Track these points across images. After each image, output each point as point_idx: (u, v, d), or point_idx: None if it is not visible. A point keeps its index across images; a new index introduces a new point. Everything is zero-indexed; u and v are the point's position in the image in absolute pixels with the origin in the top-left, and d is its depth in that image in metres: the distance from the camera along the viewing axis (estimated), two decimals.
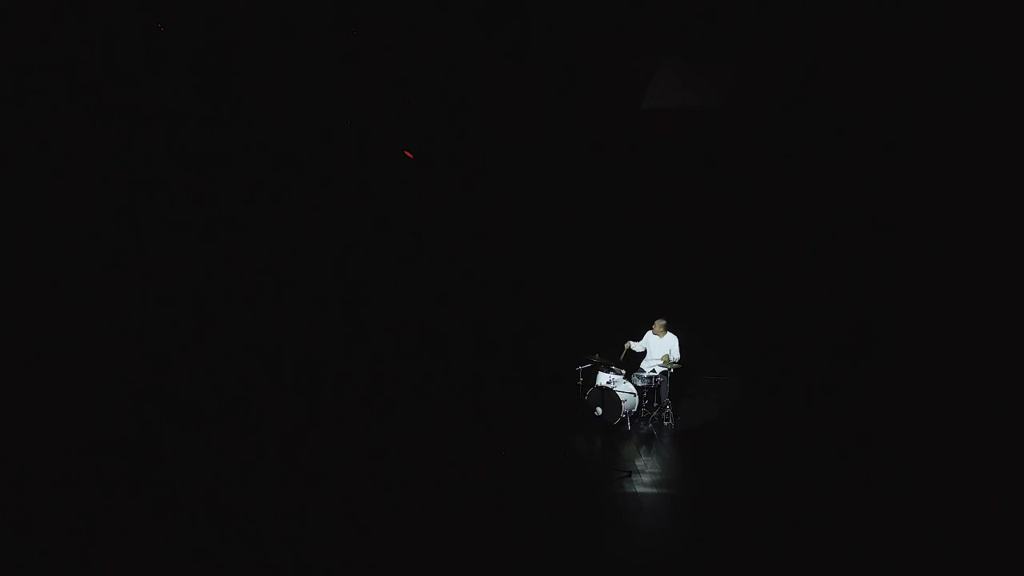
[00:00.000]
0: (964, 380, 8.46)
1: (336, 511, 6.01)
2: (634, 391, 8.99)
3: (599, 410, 8.86)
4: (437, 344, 11.20)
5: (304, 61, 8.46)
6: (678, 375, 9.31)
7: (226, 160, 8.91)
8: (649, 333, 9.42)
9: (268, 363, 9.41)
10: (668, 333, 9.30)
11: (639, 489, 6.75)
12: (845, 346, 10.21)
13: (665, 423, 9.09)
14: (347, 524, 5.79)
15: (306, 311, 10.09)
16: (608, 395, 8.82)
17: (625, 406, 8.79)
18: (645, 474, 7.18)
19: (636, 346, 9.47)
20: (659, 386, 9.20)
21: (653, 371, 9.11)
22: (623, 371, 9.11)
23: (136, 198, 8.06)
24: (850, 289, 10.30)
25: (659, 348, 9.28)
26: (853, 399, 9.51)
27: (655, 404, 9.18)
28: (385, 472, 6.96)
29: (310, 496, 6.29)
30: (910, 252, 9.61)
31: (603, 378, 9.03)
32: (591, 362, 9.11)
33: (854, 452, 7.87)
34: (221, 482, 6.50)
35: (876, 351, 9.91)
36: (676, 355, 9.20)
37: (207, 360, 8.78)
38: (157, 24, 7.48)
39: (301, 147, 9.47)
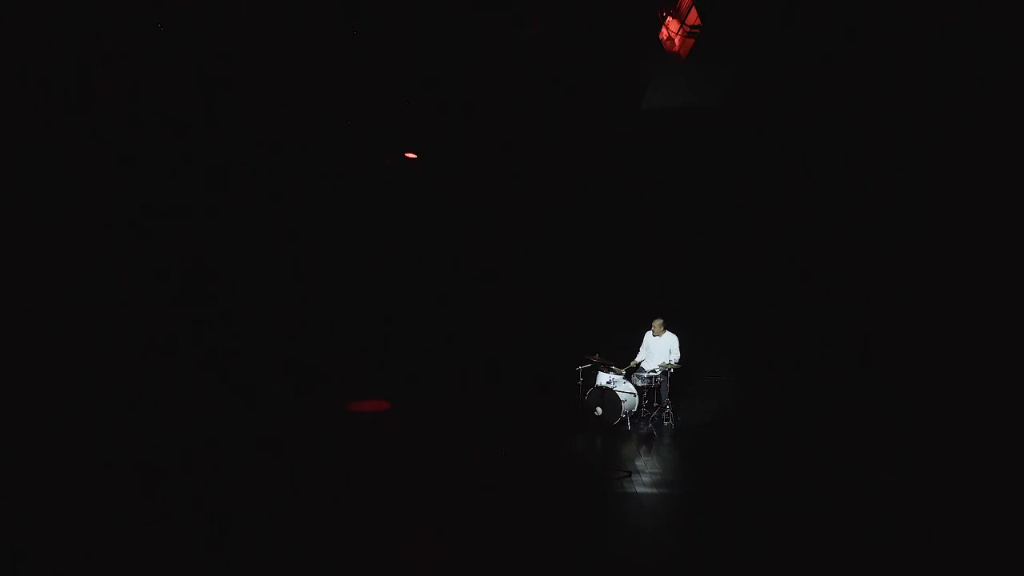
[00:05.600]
0: (965, 380, 8.45)
1: (335, 512, 6.00)
2: (634, 391, 8.99)
3: (599, 410, 8.85)
4: (438, 344, 11.20)
5: (305, 60, 8.46)
6: (678, 375, 9.31)
7: (226, 159, 8.91)
8: (648, 333, 9.43)
9: (267, 363, 9.41)
10: (667, 332, 9.30)
11: (639, 489, 6.75)
12: (845, 345, 10.20)
13: (665, 423, 9.09)
14: (347, 525, 5.78)
15: (305, 310, 10.09)
16: (608, 395, 8.82)
17: (625, 406, 8.79)
18: (645, 474, 7.17)
19: (639, 356, 9.47)
20: (659, 386, 9.19)
21: (653, 371, 9.11)
22: (623, 371, 9.10)
23: (133, 197, 8.06)
24: (851, 288, 10.28)
25: (658, 347, 9.28)
26: (853, 398, 9.50)
27: (655, 404, 9.17)
28: (385, 472, 6.95)
29: (309, 497, 6.28)
30: (911, 252, 9.60)
31: (603, 378, 9.02)
32: (591, 362, 9.11)
33: (854, 451, 7.86)
34: (221, 483, 6.51)
35: (877, 350, 9.90)
36: (676, 354, 9.20)
37: (207, 360, 8.78)
38: (157, 24, 7.48)
39: (302, 145, 9.47)
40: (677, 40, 8.03)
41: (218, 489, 6.33)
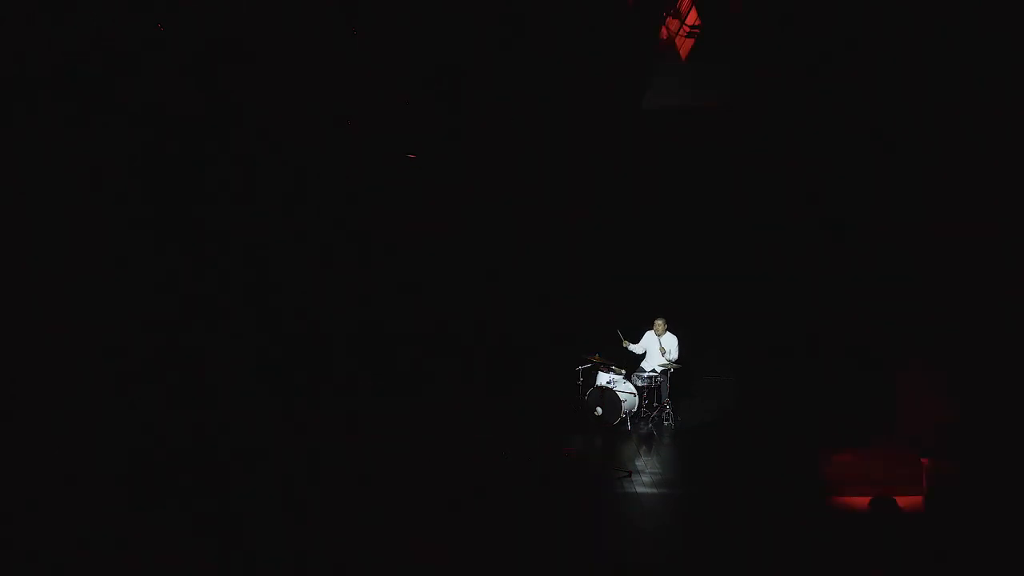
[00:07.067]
0: (966, 381, 8.45)
1: (336, 512, 6.00)
2: (634, 391, 8.99)
3: (599, 410, 8.85)
4: (438, 344, 11.19)
5: (303, 60, 8.46)
6: (678, 375, 9.30)
7: (228, 160, 8.91)
8: (649, 333, 9.42)
9: (268, 362, 9.41)
10: (667, 333, 9.30)
11: (639, 489, 6.74)
12: (846, 346, 10.19)
13: (665, 423, 9.08)
14: (347, 525, 5.78)
15: (305, 310, 10.08)
16: (608, 395, 8.82)
17: (625, 406, 8.79)
18: (645, 474, 7.17)
19: (635, 348, 9.46)
20: (659, 386, 9.19)
21: (653, 371, 9.11)
22: (623, 371, 9.10)
23: (132, 197, 8.05)
24: (852, 289, 10.28)
25: (658, 347, 9.27)
26: (854, 399, 9.49)
27: (655, 404, 9.17)
28: (385, 472, 6.96)
29: (309, 497, 6.28)
30: (911, 251, 9.60)
31: (603, 378, 9.02)
32: (591, 362, 9.11)
33: (854, 451, 7.85)
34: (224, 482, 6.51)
35: (877, 350, 9.89)
36: (675, 354, 9.20)
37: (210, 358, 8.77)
38: (157, 24, 7.48)
39: (303, 145, 9.46)
40: (678, 40, 8.04)
41: (219, 489, 6.33)
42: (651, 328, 9.44)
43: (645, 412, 9.07)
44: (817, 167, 10.07)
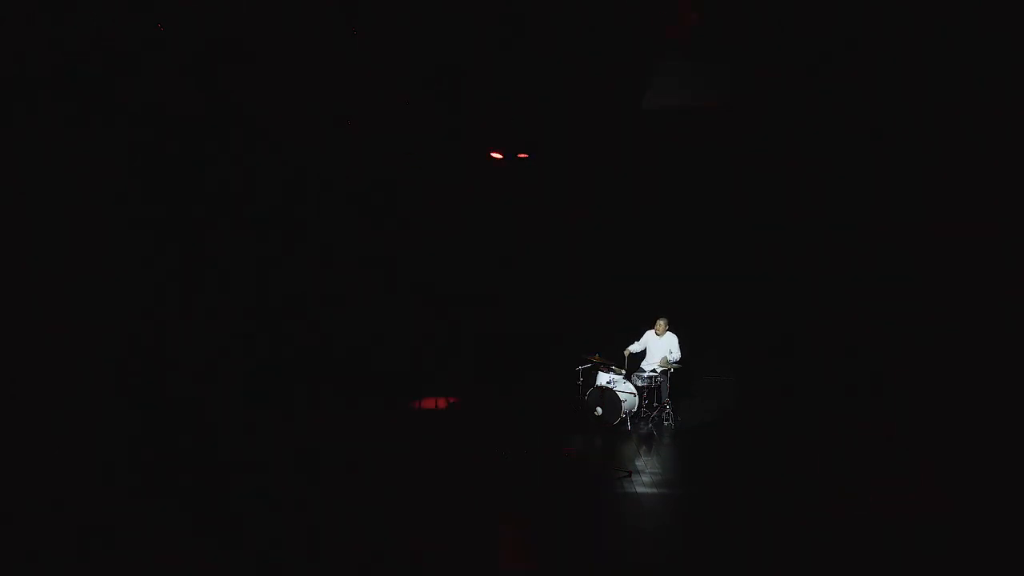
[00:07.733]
0: (966, 381, 8.45)
1: (335, 512, 6.00)
2: (634, 391, 8.99)
3: (599, 410, 8.85)
4: (439, 344, 11.20)
5: (303, 60, 8.46)
6: (678, 375, 9.30)
7: (229, 160, 8.91)
8: (650, 332, 9.42)
9: (268, 362, 9.41)
10: (668, 332, 9.30)
11: (639, 489, 6.74)
12: (845, 346, 10.20)
13: (665, 423, 9.09)
14: (347, 525, 5.78)
15: (305, 310, 10.09)
16: (608, 395, 8.82)
17: (625, 406, 8.79)
18: (645, 474, 7.17)
19: (635, 347, 9.47)
20: (659, 386, 9.19)
21: (653, 371, 9.11)
22: (623, 371, 9.10)
23: (133, 198, 8.05)
24: (852, 289, 10.28)
25: (659, 347, 9.28)
26: (853, 399, 9.50)
27: (655, 404, 9.17)
28: (385, 472, 6.96)
29: (308, 497, 6.28)
30: (911, 251, 9.60)
31: (603, 378, 9.02)
32: (591, 362, 9.11)
33: (854, 451, 7.87)
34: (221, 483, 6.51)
35: (876, 351, 9.89)
36: (676, 354, 9.20)
37: (210, 358, 8.77)
38: (157, 24, 7.48)
39: (303, 145, 9.46)
40: None
41: (219, 489, 6.32)
42: (652, 328, 9.43)
43: (645, 412, 9.07)
44: (817, 167, 10.08)
